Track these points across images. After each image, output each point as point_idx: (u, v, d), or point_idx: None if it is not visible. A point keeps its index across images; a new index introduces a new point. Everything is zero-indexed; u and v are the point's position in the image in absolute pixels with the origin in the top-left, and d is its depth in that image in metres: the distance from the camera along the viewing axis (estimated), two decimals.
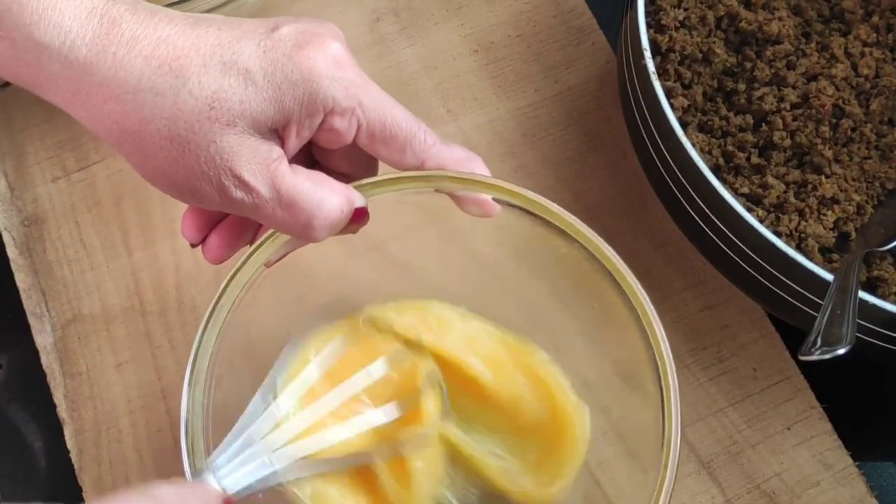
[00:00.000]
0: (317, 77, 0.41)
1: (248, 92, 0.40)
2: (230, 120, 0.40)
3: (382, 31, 0.69)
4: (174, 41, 0.40)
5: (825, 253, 0.54)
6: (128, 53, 0.40)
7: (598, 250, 0.45)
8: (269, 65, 0.41)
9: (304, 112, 0.41)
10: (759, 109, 0.58)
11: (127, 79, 0.40)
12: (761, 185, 0.56)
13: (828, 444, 0.58)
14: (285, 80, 0.41)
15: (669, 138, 0.53)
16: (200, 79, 0.40)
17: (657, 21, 0.59)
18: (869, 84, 0.59)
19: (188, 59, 0.40)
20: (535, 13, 0.70)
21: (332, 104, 0.41)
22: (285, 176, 0.42)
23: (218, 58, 0.40)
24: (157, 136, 0.40)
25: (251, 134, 0.41)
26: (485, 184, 0.46)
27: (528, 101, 0.67)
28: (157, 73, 0.40)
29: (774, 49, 0.60)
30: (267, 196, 0.42)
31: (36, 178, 0.64)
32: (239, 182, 0.41)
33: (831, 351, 0.45)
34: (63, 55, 0.40)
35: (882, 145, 0.58)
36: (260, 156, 0.41)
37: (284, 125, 0.41)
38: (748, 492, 0.57)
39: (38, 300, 0.61)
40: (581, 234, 0.45)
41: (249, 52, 0.41)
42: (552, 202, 0.46)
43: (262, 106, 0.41)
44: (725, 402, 0.59)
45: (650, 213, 0.60)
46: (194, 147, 0.40)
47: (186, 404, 0.44)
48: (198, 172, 0.41)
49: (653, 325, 0.44)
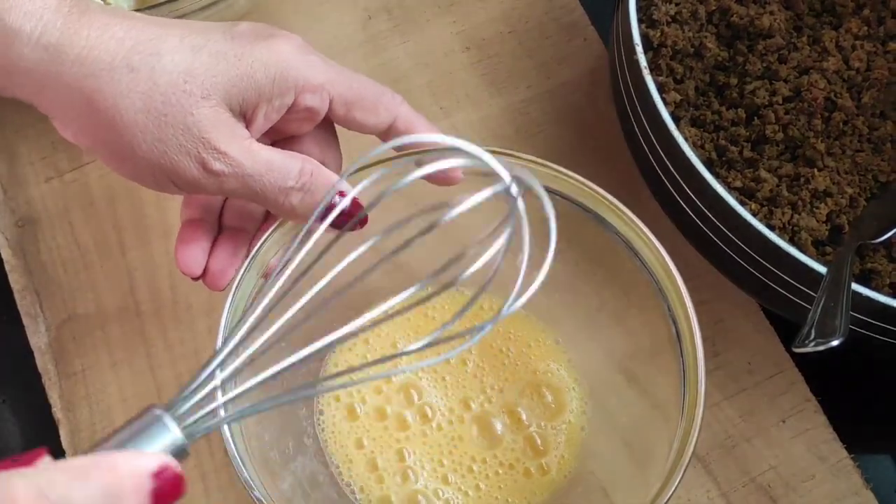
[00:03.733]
0: (286, 58, 0.43)
1: (221, 67, 0.42)
2: (205, 92, 0.41)
3: (374, 28, 0.69)
4: (144, 27, 0.42)
5: (818, 246, 0.55)
6: (101, 35, 0.41)
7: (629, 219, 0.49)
8: (239, 48, 0.43)
9: (276, 90, 0.43)
10: (752, 103, 0.58)
11: (101, 56, 0.41)
12: (754, 178, 0.56)
13: (823, 436, 0.58)
14: (256, 60, 0.43)
15: (662, 133, 0.53)
16: (174, 56, 0.41)
17: (649, 16, 0.59)
18: (860, 77, 0.59)
19: (161, 41, 0.41)
20: (527, 10, 0.70)
21: (304, 82, 0.44)
22: (260, 147, 0.44)
23: (189, 42, 0.42)
24: (132, 110, 0.41)
25: (224, 109, 0.42)
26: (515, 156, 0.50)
27: (521, 97, 0.67)
28: (131, 51, 0.41)
29: (766, 43, 0.60)
30: (247, 165, 0.43)
31: (29, 179, 0.64)
32: (218, 153, 0.42)
33: (825, 343, 0.46)
34: (35, 39, 0.40)
35: (874, 138, 0.58)
36: (236, 129, 0.43)
37: (255, 104, 0.43)
38: (744, 485, 0.57)
39: (32, 301, 0.61)
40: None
41: (217, 38, 0.43)
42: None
43: (234, 80, 0.42)
44: (720, 395, 0.59)
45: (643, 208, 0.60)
46: (171, 119, 0.41)
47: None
48: (175, 146, 0.42)
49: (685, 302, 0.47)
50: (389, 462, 0.53)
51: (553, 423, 0.55)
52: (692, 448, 0.45)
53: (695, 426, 0.45)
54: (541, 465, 0.54)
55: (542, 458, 0.54)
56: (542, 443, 0.54)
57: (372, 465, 0.54)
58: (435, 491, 0.53)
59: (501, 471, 0.53)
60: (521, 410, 0.55)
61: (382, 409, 0.55)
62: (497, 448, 0.54)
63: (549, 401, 0.55)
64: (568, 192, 0.50)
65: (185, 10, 0.57)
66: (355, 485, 0.53)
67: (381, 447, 0.54)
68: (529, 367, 0.56)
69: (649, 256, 0.49)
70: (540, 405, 0.55)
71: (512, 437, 0.54)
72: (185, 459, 0.33)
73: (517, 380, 0.56)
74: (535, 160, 0.50)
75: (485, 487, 0.53)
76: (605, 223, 0.50)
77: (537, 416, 0.55)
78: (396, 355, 0.40)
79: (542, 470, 0.54)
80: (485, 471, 0.53)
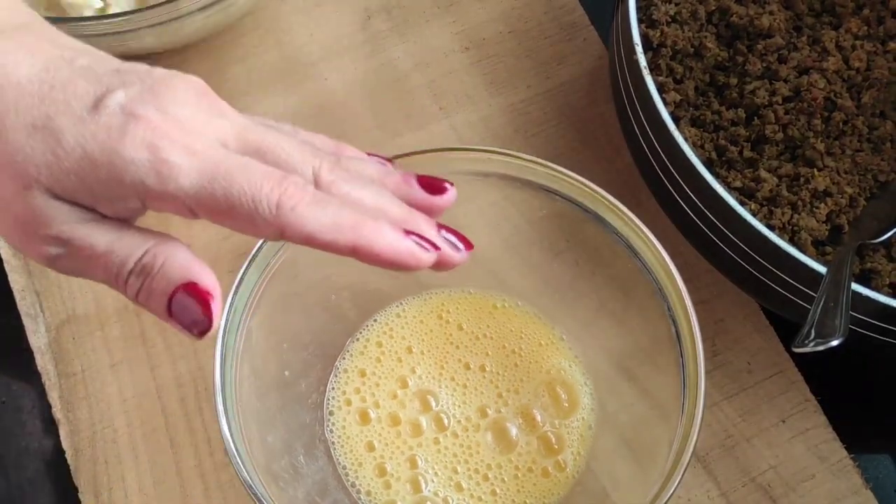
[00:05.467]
0: (130, 155, 0.35)
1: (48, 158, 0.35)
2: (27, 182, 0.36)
3: (374, 28, 0.69)
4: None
5: (818, 246, 0.55)
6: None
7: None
8: (79, 133, 0.35)
9: (113, 194, 0.36)
10: (751, 103, 0.58)
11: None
12: (754, 178, 0.56)
13: (823, 436, 0.58)
14: (86, 158, 0.35)
15: (662, 133, 0.53)
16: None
17: (648, 16, 0.60)
18: (860, 77, 0.59)
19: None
20: (527, 10, 0.70)
21: (144, 189, 0.35)
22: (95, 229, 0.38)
23: (31, 118, 0.36)
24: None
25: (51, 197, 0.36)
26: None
27: (520, 97, 0.67)
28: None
29: (766, 43, 0.60)
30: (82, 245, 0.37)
31: None
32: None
33: (825, 343, 0.46)
34: None
35: (874, 138, 0.58)
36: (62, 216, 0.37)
37: (91, 203, 0.36)
38: (743, 485, 0.57)
39: (32, 301, 0.61)
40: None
41: (67, 116, 0.36)
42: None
43: (58, 176, 0.36)
44: (720, 395, 0.59)
45: (643, 208, 0.60)
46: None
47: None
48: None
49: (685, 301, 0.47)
50: (400, 467, 0.53)
51: (567, 420, 0.55)
52: (692, 448, 0.45)
53: (695, 426, 0.45)
54: (557, 462, 0.53)
55: (558, 455, 0.54)
56: (556, 441, 0.54)
57: (381, 469, 0.53)
58: (445, 499, 0.53)
59: (520, 474, 0.53)
60: (536, 411, 0.55)
61: (396, 415, 0.55)
62: (512, 452, 0.54)
63: (563, 399, 0.55)
64: (567, 191, 0.50)
65: (185, 10, 0.57)
66: (362, 488, 0.53)
67: (392, 452, 0.54)
68: (542, 366, 0.56)
69: (649, 256, 0.49)
70: (555, 404, 0.55)
71: (526, 440, 0.54)
72: None
73: (531, 380, 0.56)
74: (535, 160, 0.50)
75: (501, 492, 0.53)
76: (605, 223, 0.50)
77: (551, 416, 0.55)
78: None
79: (560, 467, 0.53)
80: (500, 475, 0.53)
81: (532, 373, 0.56)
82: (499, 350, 0.56)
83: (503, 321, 0.57)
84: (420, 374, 0.55)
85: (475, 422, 0.54)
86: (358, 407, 0.55)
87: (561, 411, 0.55)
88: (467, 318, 0.57)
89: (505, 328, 0.57)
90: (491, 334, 0.56)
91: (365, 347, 0.56)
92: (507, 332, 0.57)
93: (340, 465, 0.53)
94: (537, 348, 0.56)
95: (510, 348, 0.56)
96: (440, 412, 0.55)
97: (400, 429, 0.54)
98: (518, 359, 0.56)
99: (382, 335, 0.56)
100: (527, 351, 0.56)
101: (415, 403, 0.55)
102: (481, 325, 0.57)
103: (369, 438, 0.54)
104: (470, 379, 0.55)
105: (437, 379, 0.55)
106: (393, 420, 0.54)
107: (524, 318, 0.57)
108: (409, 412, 0.55)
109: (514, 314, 0.57)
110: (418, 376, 0.55)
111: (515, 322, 0.57)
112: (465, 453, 0.54)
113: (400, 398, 0.55)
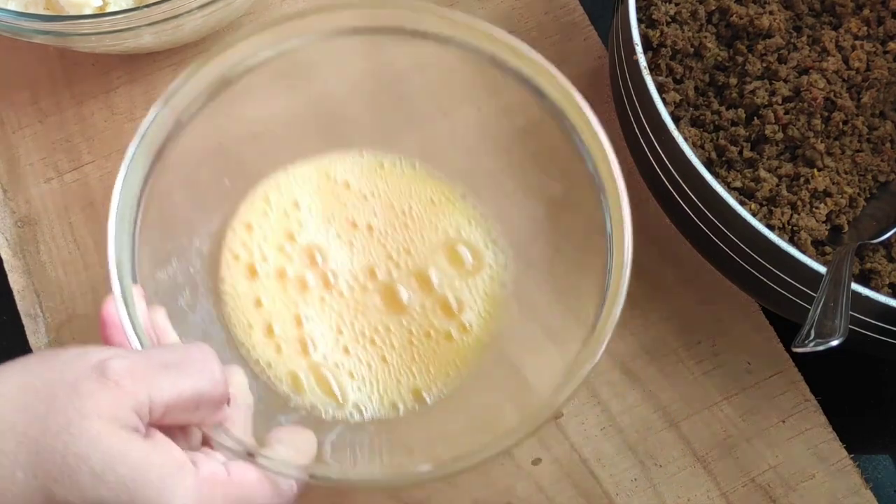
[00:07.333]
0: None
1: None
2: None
3: None
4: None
5: (818, 246, 0.55)
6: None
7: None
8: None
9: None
10: (751, 103, 0.58)
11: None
12: (754, 178, 0.56)
13: (822, 436, 0.58)
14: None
15: (661, 133, 0.53)
16: None
17: (648, 16, 0.60)
18: (860, 77, 0.59)
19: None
20: (527, 10, 0.70)
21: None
22: None
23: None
24: None
25: None
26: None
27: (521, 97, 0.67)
28: None
29: (766, 43, 0.60)
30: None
31: (29, 179, 0.64)
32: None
33: (825, 343, 0.46)
34: None
35: (874, 138, 0.58)
36: None
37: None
38: (743, 485, 0.57)
39: (32, 301, 0.61)
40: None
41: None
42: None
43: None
44: (720, 395, 0.59)
45: (643, 208, 0.60)
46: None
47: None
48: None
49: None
50: (287, 325, 0.51)
51: (469, 280, 0.52)
52: (624, 291, 0.42)
53: (625, 270, 0.42)
54: (462, 324, 0.52)
55: (460, 316, 0.52)
56: (456, 302, 0.52)
57: (268, 330, 0.51)
58: (336, 363, 0.51)
59: (415, 340, 0.51)
60: (433, 272, 0.52)
61: (283, 270, 0.53)
62: (403, 315, 0.51)
63: (466, 259, 0.53)
64: (471, 39, 0.50)
65: (185, 8, 0.57)
66: (254, 350, 0.51)
67: (278, 309, 0.52)
68: (438, 225, 0.54)
69: (556, 96, 0.47)
70: (454, 265, 0.53)
71: (420, 303, 0.52)
72: None
73: (425, 240, 0.53)
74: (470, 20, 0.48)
75: (392, 360, 0.51)
76: (506, 68, 0.48)
77: (451, 277, 0.52)
78: None
79: (464, 329, 0.51)
80: (390, 340, 0.51)
81: (426, 231, 0.53)
82: (387, 209, 0.54)
83: (392, 180, 0.55)
84: (307, 229, 0.54)
85: (363, 282, 0.52)
86: (246, 262, 0.53)
87: (463, 271, 0.53)
88: (356, 176, 0.55)
89: (394, 188, 0.54)
90: (379, 193, 0.54)
91: (252, 202, 0.55)
92: (396, 192, 0.54)
93: (232, 323, 0.52)
94: (429, 206, 0.54)
95: (399, 208, 0.54)
96: (326, 270, 0.53)
97: (286, 283, 0.52)
98: (408, 219, 0.54)
99: (270, 189, 0.55)
100: (418, 211, 0.54)
101: (303, 259, 0.53)
102: (369, 183, 0.55)
103: (257, 294, 0.52)
104: (357, 238, 0.53)
105: (325, 235, 0.53)
106: (279, 274, 0.53)
107: (416, 177, 0.55)
108: (296, 267, 0.53)
109: (407, 173, 0.55)
110: (306, 230, 0.54)
111: (406, 181, 0.55)
112: (351, 314, 0.52)
113: (288, 252, 0.53)
